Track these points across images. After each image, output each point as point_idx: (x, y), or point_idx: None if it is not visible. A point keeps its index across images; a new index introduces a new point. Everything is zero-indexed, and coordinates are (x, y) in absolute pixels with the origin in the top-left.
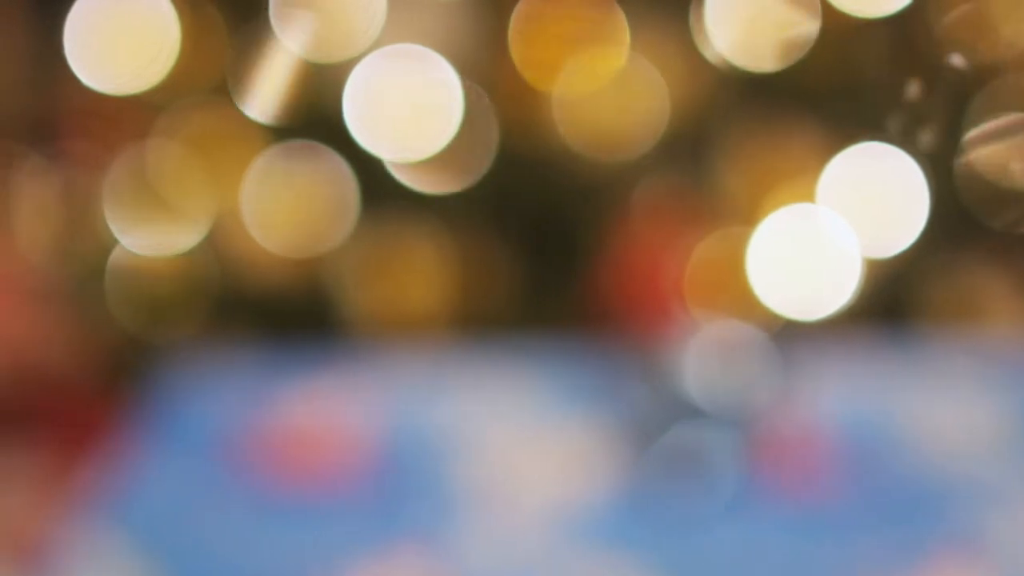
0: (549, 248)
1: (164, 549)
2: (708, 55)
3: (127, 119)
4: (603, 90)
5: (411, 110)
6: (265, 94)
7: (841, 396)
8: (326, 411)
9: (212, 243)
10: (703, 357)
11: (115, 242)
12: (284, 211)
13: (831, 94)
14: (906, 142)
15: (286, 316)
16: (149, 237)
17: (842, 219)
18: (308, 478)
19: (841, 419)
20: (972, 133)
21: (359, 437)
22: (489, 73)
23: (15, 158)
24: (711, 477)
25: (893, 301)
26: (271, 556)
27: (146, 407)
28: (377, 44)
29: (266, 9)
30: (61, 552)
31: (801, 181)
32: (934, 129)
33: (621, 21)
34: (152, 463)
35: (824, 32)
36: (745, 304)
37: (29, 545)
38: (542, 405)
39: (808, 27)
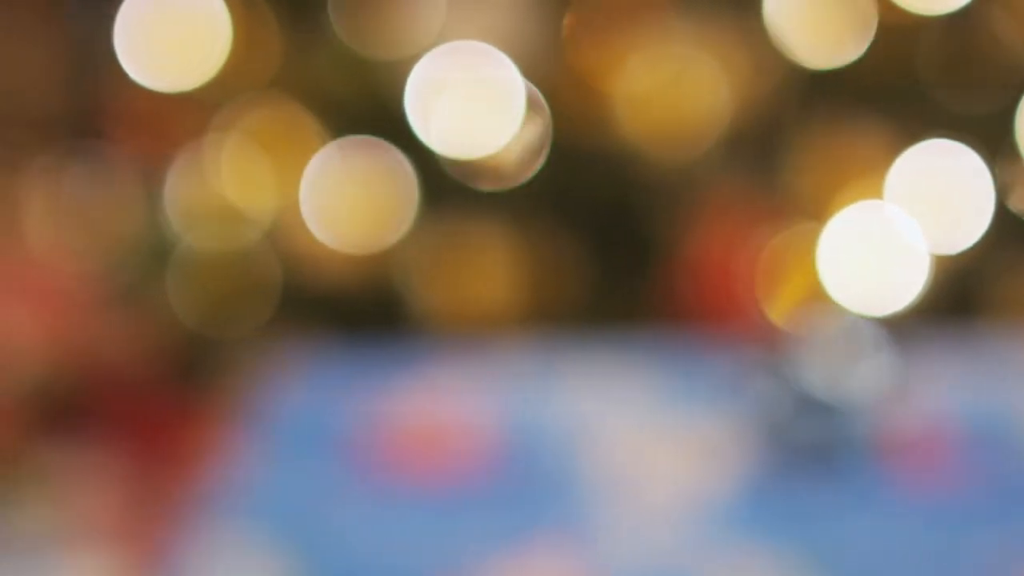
0: (616, 245)
1: (296, 545)
2: (773, 51)
3: (183, 117)
4: (666, 87)
5: (473, 106)
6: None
7: (958, 388)
8: (444, 406)
9: (274, 240)
10: (826, 349)
11: (177, 240)
12: (346, 207)
13: (898, 91)
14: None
15: (350, 312)
16: (211, 234)
17: (910, 215)
18: (433, 473)
19: (961, 410)
20: None
21: (481, 431)
22: (552, 70)
23: (72, 158)
24: (838, 468)
25: (960, 297)
26: (405, 551)
27: (253, 404)
28: (439, 40)
29: (324, 5)
30: (187, 549)
31: (869, 178)
32: (998, 126)
33: (684, 17)
34: (272, 460)
35: (889, 29)
36: (815, 300)
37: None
38: (658, 398)
39: (868, 23)
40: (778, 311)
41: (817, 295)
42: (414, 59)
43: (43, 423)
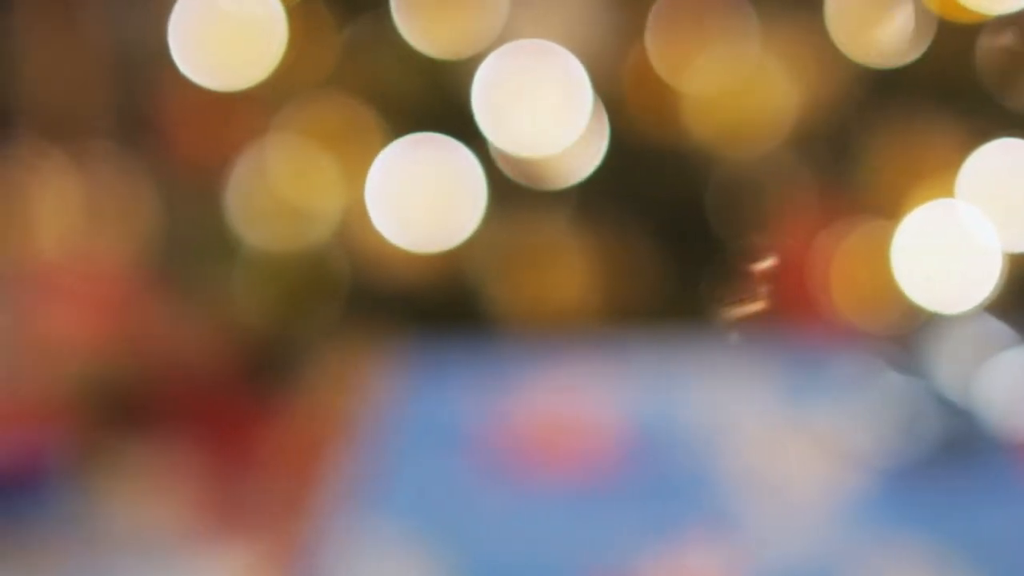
0: (687, 243)
1: (440, 543)
2: (841, 51)
3: (242, 116)
4: (735, 86)
5: (540, 105)
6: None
7: None
8: (571, 402)
9: (341, 238)
10: (957, 348)
11: (243, 239)
12: (413, 205)
13: (966, 90)
14: None
15: (420, 310)
16: (277, 233)
17: (982, 214)
18: (566, 469)
19: None
20: None
21: (610, 427)
22: (622, 68)
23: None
24: (970, 464)
25: None
26: (550, 546)
27: (372, 402)
28: (507, 38)
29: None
30: (328, 547)
31: (940, 177)
32: None
33: (752, 17)
34: (404, 458)
35: (952, 28)
36: (889, 298)
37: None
38: (784, 395)
39: (928, 22)
40: (852, 309)
41: (891, 293)
42: (479, 57)
43: (121, 423)
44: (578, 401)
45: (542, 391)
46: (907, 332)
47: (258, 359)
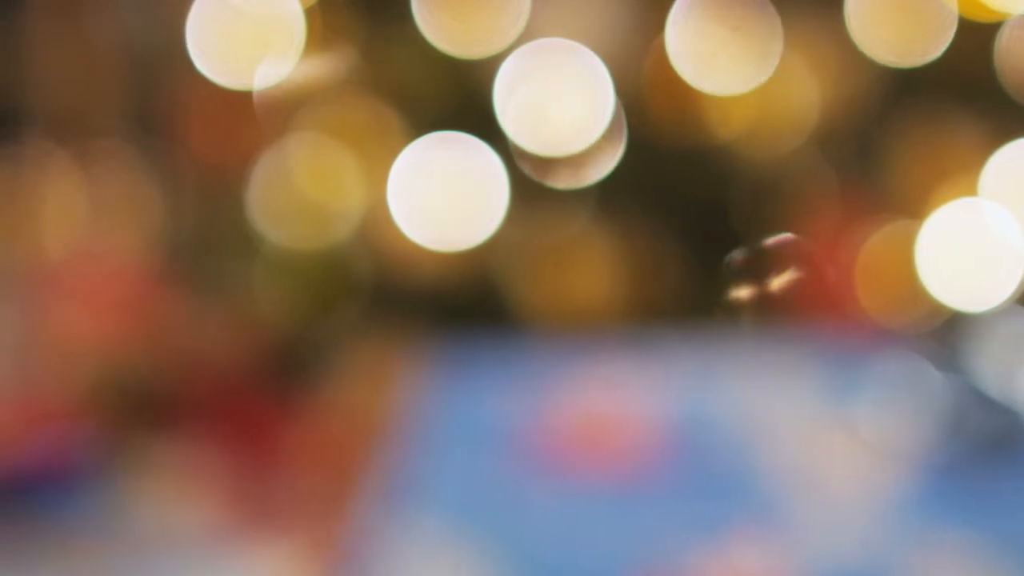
0: (711, 241)
1: (489, 541)
2: (862, 50)
3: (263, 115)
4: (757, 85)
5: (562, 103)
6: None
7: None
8: (610, 400)
9: (364, 237)
10: (997, 345)
11: (265, 238)
12: (434, 203)
13: (988, 89)
14: None
15: (444, 309)
16: (299, 231)
17: (1006, 212)
18: (608, 467)
19: None
20: None
21: (652, 424)
22: (641, 67)
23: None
24: (1013, 460)
25: None
26: (599, 545)
27: (409, 401)
28: (529, 37)
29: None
30: (374, 545)
31: (964, 175)
32: None
33: (774, 17)
34: (446, 457)
35: (973, 27)
36: (914, 297)
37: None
38: (823, 392)
39: (949, 21)
40: (877, 307)
41: (915, 292)
42: (501, 56)
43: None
44: (618, 399)
45: (581, 389)
46: (934, 330)
47: (282, 358)
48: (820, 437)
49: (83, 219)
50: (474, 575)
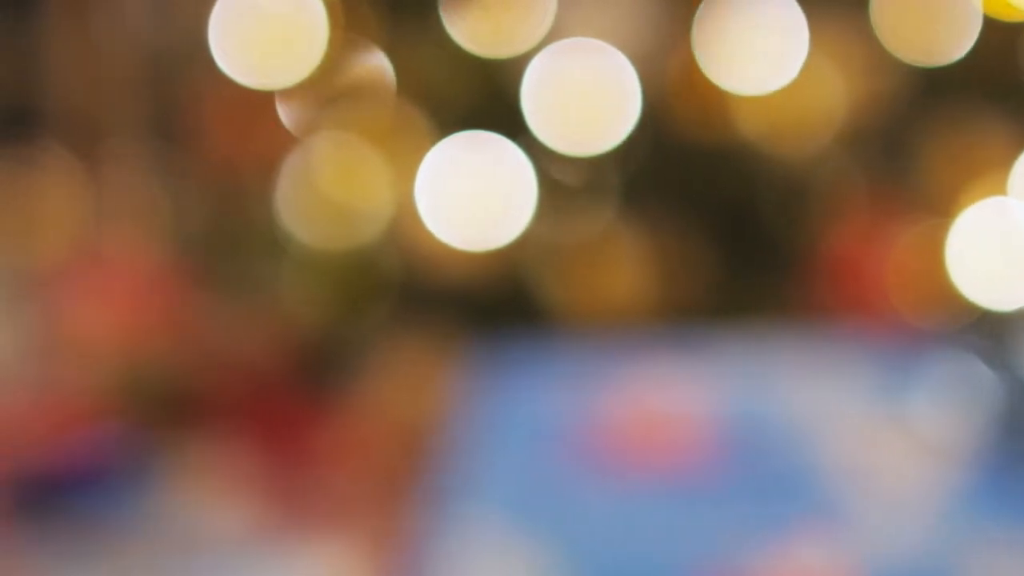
0: (740, 241)
1: (547, 537)
2: (889, 50)
3: (289, 114)
4: (784, 85)
5: (590, 103)
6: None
7: None
8: (661, 397)
9: (392, 237)
10: None
11: (292, 238)
12: (462, 203)
13: (1017, 88)
14: None
15: (473, 308)
16: (327, 232)
17: None
18: (663, 464)
19: None
20: None
21: (705, 422)
22: (668, 66)
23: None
24: None
25: None
26: (658, 541)
27: (456, 398)
28: (556, 37)
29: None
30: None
31: (993, 174)
32: None
33: (800, 17)
34: (503, 454)
35: (1005, 27)
36: (944, 296)
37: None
38: (873, 389)
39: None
40: (908, 306)
41: (946, 291)
42: (528, 55)
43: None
44: (670, 396)
45: (631, 387)
46: (974, 328)
47: (313, 358)
48: (874, 435)
49: (106, 220)
50: (530, 575)
